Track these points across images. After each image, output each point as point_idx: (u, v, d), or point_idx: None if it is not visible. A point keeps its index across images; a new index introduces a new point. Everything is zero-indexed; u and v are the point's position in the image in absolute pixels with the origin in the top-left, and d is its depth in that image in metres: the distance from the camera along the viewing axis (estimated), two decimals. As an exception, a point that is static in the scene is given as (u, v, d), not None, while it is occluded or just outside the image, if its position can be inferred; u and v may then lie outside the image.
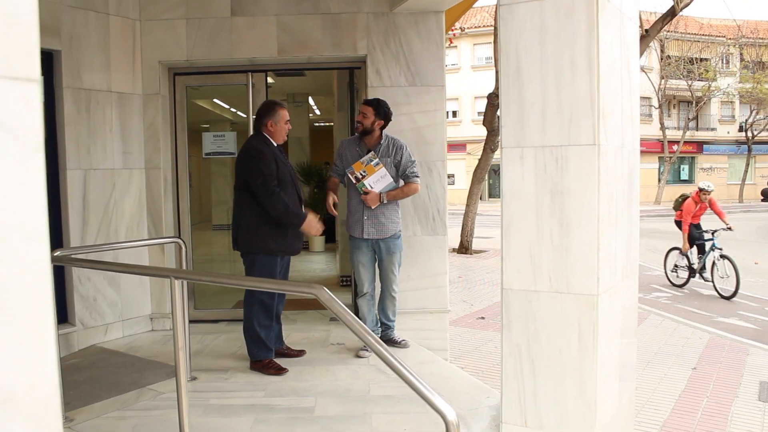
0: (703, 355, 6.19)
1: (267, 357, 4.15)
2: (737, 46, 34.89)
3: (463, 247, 13.58)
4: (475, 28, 31.27)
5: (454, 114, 33.60)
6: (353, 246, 4.56)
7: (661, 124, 33.13)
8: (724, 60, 36.23)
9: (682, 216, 9.66)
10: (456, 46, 30.59)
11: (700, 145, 37.04)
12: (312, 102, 11.83)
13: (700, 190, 9.55)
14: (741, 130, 36.11)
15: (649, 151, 33.56)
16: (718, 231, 9.44)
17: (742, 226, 20.66)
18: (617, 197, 2.83)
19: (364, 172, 4.37)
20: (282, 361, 4.22)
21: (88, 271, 4.82)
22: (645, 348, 6.26)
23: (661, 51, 32.78)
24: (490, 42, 27.34)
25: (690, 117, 34.12)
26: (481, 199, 14.27)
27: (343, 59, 5.36)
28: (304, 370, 4.16)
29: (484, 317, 7.67)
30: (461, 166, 32.31)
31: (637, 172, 3.29)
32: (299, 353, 4.46)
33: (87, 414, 3.47)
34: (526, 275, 2.75)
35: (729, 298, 8.88)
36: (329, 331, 5.05)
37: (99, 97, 4.89)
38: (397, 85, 5.12)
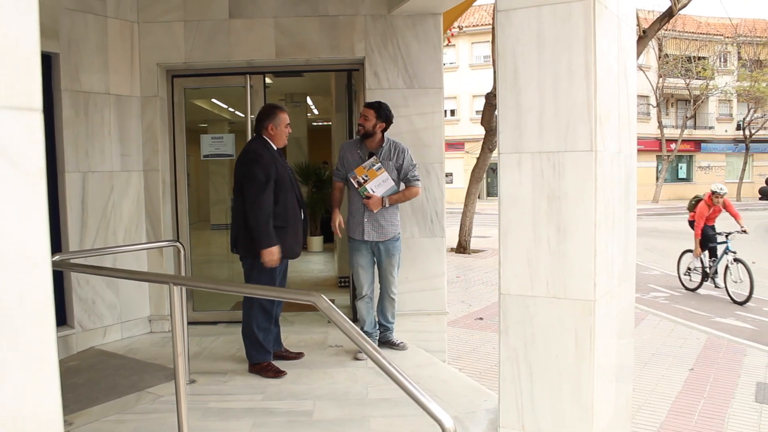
0: (700, 356, 6.21)
1: (265, 360, 4.16)
2: (735, 45, 34.92)
3: (461, 247, 13.59)
4: (474, 26, 31.27)
5: (452, 113, 33.61)
6: (353, 248, 4.56)
7: (659, 122, 33.17)
8: (722, 58, 36.25)
9: (696, 218, 9.33)
10: (454, 45, 30.57)
11: (697, 143, 37.09)
12: (310, 102, 11.82)
13: (713, 193, 9.21)
14: (739, 128, 36.17)
15: (647, 150, 33.59)
16: (732, 234, 9.14)
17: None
18: (614, 203, 2.85)
19: (366, 176, 4.38)
20: (280, 363, 4.23)
21: (86, 274, 4.82)
22: (643, 349, 6.28)
23: (659, 49, 32.80)
24: (488, 41, 27.33)
25: (688, 115, 34.14)
26: (479, 198, 14.28)
27: (341, 61, 5.36)
28: (303, 372, 4.18)
29: (482, 318, 7.69)
30: (459, 165, 32.33)
31: (634, 177, 3.31)
32: (297, 356, 4.47)
33: (86, 417, 3.48)
34: (524, 280, 2.77)
35: (742, 303, 8.56)
36: (327, 333, 5.06)
37: (97, 100, 4.90)
38: (395, 87, 5.12)
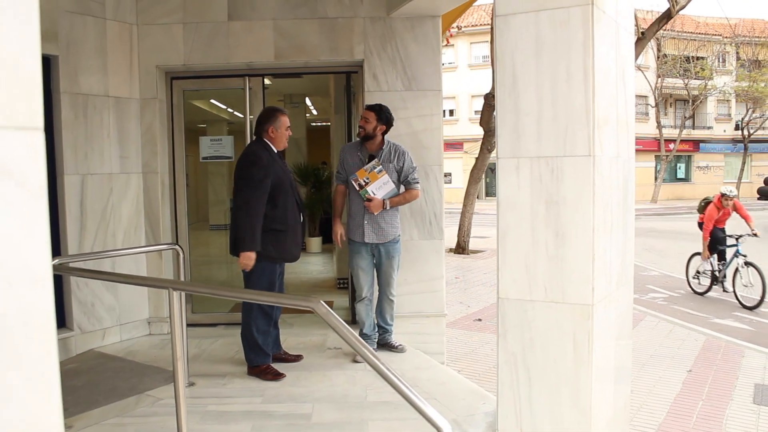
0: (698, 358, 6.22)
1: (264, 362, 4.17)
2: (733, 45, 34.96)
3: (460, 248, 13.60)
4: (472, 26, 31.26)
5: (451, 113, 33.61)
6: (353, 250, 4.57)
7: (658, 122, 33.21)
8: (721, 58, 36.28)
9: (705, 221, 9.10)
10: (453, 45, 30.58)
11: (696, 143, 37.13)
12: (309, 102, 11.83)
13: (722, 195, 8.97)
14: (737, 128, 36.22)
15: (645, 150, 33.64)
16: (743, 237, 8.88)
17: (739, 225, 20.72)
18: (612, 207, 2.86)
19: (368, 179, 4.39)
20: (279, 366, 4.24)
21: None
22: (641, 350, 6.29)
23: (658, 50, 32.85)
24: (487, 41, 27.29)
25: (686, 115, 34.20)
26: (478, 198, 14.29)
27: (340, 63, 5.37)
28: (301, 375, 4.19)
29: (480, 319, 7.69)
30: (458, 165, 32.35)
31: (632, 180, 3.31)
32: (296, 358, 4.48)
33: (86, 420, 3.49)
34: (522, 285, 2.77)
35: (753, 308, 8.27)
36: (326, 336, 5.07)
37: (96, 102, 4.90)
38: (394, 89, 5.13)
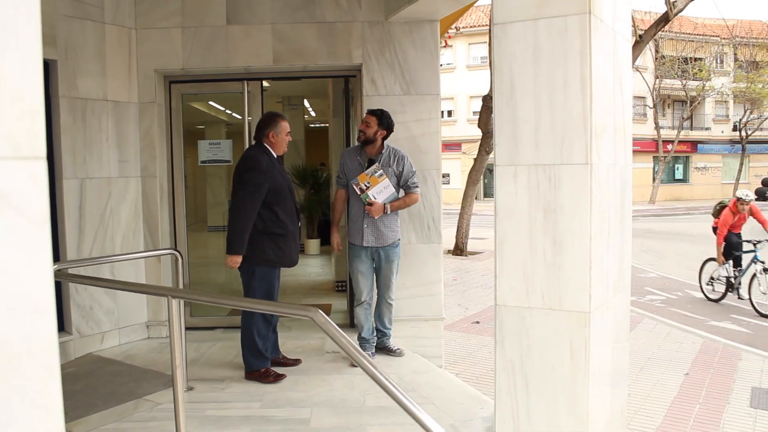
0: (696, 361, 6.24)
1: (264, 366, 4.18)
2: (731, 46, 35.03)
3: (458, 249, 13.62)
4: (471, 27, 31.26)
5: (450, 114, 33.62)
6: (352, 254, 4.59)
7: (656, 123, 33.27)
8: (719, 60, 36.36)
9: (719, 225, 8.76)
10: (451, 46, 30.58)
11: (694, 144, 37.19)
12: (307, 104, 11.83)
13: (738, 199, 8.61)
14: (735, 129, 36.29)
15: (643, 151, 33.71)
16: (762, 242, 8.52)
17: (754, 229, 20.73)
18: (610, 214, 2.87)
19: (368, 183, 4.41)
20: (278, 370, 4.25)
21: (84, 280, 4.84)
22: (638, 353, 6.31)
23: (656, 51, 32.89)
24: (485, 41, 27.28)
25: (684, 116, 34.26)
26: (476, 199, 14.31)
27: (339, 68, 5.38)
28: (300, 379, 4.20)
29: (479, 321, 7.71)
30: (456, 166, 32.36)
31: (629, 187, 3.33)
32: (295, 362, 4.49)
33: (85, 425, 3.50)
34: (520, 292, 2.79)
35: None
36: (324, 339, 5.07)
37: (95, 106, 4.91)
38: (392, 93, 5.14)
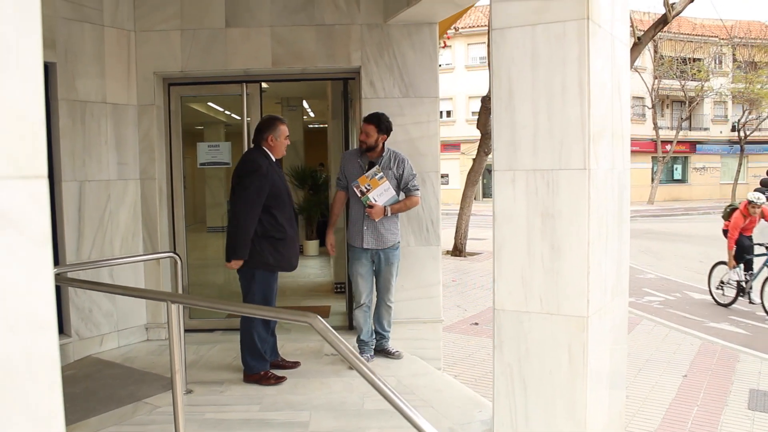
0: (694, 362, 6.25)
1: (264, 369, 4.19)
2: (730, 47, 35.07)
3: (457, 250, 13.62)
4: (470, 27, 31.24)
5: (448, 114, 33.63)
6: (353, 256, 4.60)
7: (655, 124, 33.31)
8: (717, 60, 36.41)
9: (729, 228, 8.56)
10: (450, 46, 30.58)
11: (693, 144, 37.24)
12: (306, 105, 11.84)
13: (749, 202, 8.41)
14: (734, 129, 36.32)
15: (642, 151, 33.74)
16: None
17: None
18: (607, 219, 2.88)
19: (369, 185, 4.42)
20: (277, 372, 4.25)
21: (83, 283, 4.84)
22: (637, 355, 6.32)
23: (655, 51, 32.92)
24: (484, 42, 27.32)
25: (683, 117, 34.29)
26: (475, 199, 14.32)
27: (337, 70, 5.39)
28: (299, 382, 4.20)
29: (477, 323, 7.71)
30: (455, 166, 32.36)
31: (627, 191, 3.34)
32: (294, 365, 4.49)
33: (84, 429, 3.51)
34: (518, 296, 2.80)
35: None
36: (323, 342, 5.05)
37: (94, 109, 4.91)
38: (391, 96, 5.15)
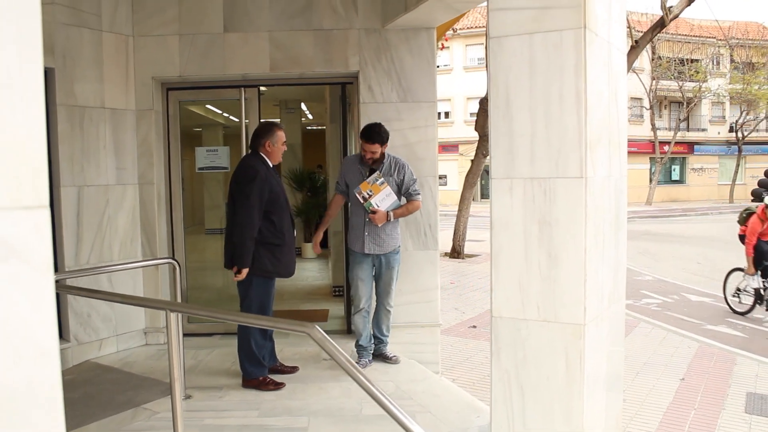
0: (691, 365, 6.27)
1: (262, 374, 4.20)
2: (727, 48, 35.14)
3: (456, 252, 13.64)
4: (468, 29, 31.25)
5: (447, 115, 33.63)
6: (353, 261, 4.62)
7: (652, 124, 33.35)
8: (715, 61, 36.49)
9: (747, 233, 8.45)
10: (448, 47, 30.59)
11: (691, 145, 37.30)
12: (304, 107, 11.84)
13: (767, 206, 8.32)
14: (731, 130, 36.40)
15: (640, 152, 33.80)
16: None
17: (733, 227, 20.78)
18: (604, 227, 2.89)
19: (371, 191, 4.44)
20: (275, 377, 4.26)
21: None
22: (634, 358, 6.34)
23: (653, 52, 32.97)
24: (482, 43, 27.30)
25: (681, 118, 34.35)
26: (473, 200, 14.32)
27: (335, 75, 5.40)
28: (297, 387, 4.21)
29: (475, 326, 7.73)
30: (453, 167, 32.38)
31: (624, 197, 3.35)
32: (292, 369, 4.50)
33: (82, 435, 3.51)
34: (515, 304, 2.81)
35: None
36: (322, 346, 5.08)
37: (92, 114, 4.91)
38: (389, 101, 5.16)
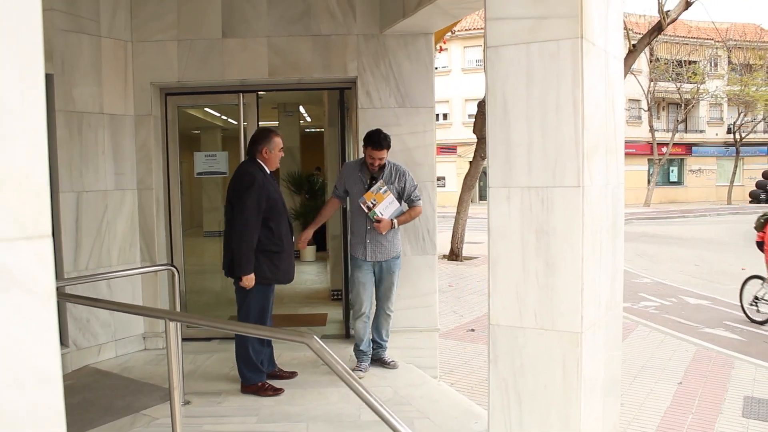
0: (689, 369, 6.28)
1: (261, 380, 4.20)
2: (725, 49, 35.22)
3: (454, 254, 13.64)
4: (466, 30, 31.31)
5: (445, 117, 33.64)
6: (355, 266, 4.65)
7: (650, 126, 33.41)
8: (713, 63, 36.56)
9: (766, 240, 8.13)
10: (447, 49, 30.62)
11: (689, 147, 37.37)
12: (302, 109, 11.86)
13: None
14: (729, 132, 36.50)
15: (638, 154, 33.87)
16: None
17: (731, 229, 20.92)
18: (602, 235, 2.91)
19: (374, 200, 4.47)
20: (274, 383, 4.27)
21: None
22: (632, 361, 6.35)
23: (651, 54, 33.02)
24: (481, 45, 27.36)
25: (679, 119, 34.42)
26: (472, 202, 14.32)
27: (334, 80, 5.41)
28: (296, 393, 4.22)
29: (474, 329, 7.73)
30: (452, 169, 32.41)
31: (621, 205, 3.37)
32: (291, 375, 4.51)
33: (81, 442, 3.52)
34: (513, 312, 2.82)
35: None
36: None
37: (91, 119, 4.92)
38: (387, 106, 5.18)
